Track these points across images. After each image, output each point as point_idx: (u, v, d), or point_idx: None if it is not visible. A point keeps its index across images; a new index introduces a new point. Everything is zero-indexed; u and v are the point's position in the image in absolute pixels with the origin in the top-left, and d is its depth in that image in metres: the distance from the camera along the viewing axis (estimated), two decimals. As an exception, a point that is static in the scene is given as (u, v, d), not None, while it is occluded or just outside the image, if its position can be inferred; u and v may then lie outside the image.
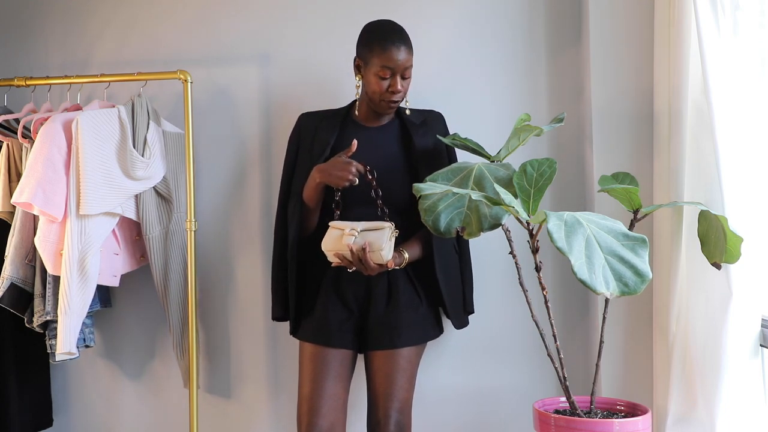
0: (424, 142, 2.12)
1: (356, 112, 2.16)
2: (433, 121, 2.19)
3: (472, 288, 2.25)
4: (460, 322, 2.20)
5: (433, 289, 2.11)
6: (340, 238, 1.93)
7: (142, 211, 2.32)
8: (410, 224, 2.07)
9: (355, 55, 2.10)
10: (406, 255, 2.02)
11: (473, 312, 2.26)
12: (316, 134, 2.15)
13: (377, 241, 1.90)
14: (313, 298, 2.13)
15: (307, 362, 2.08)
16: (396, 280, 2.07)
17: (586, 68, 2.31)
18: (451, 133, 2.19)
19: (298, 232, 2.09)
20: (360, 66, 2.07)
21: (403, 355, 2.03)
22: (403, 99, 2.08)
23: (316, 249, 2.05)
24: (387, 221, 1.98)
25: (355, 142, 2.00)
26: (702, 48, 1.81)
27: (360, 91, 2.11)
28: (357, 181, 1.98)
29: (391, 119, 2.16)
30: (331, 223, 1.99)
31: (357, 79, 2.10)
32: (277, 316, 2.22)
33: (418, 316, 2.07)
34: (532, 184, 1.79)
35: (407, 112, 2.15)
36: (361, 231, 1.92)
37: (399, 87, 2.01)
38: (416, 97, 2.27)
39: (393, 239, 1.94)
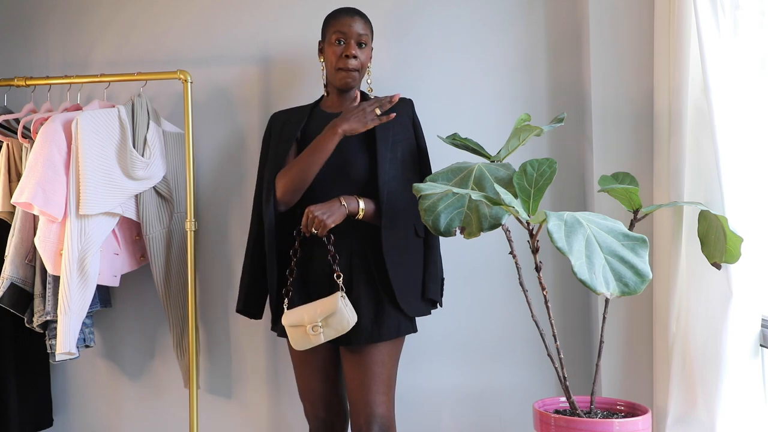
0: (385, 126, 2.08)
1: (323, 102, 2.20)
2: (399, 105, 2.14)
3: (435, 275, 2.14)
4: (414, 309, 2.07)
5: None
6: (307, 336, 1.95)
7: (142, 211, 2.32)
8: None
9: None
10: (362, 204, 2.00)
11: (438, 301, 2.16)
12: (284, 127, 2.17)
13: (340, 321, 1.92)
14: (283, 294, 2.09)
15: (294, 360, 2.13)
16: (357, 277, 2.03)
17: (586, 68, 2.31)
18: (450, 132, 2.19)
19: (273, 216, 2.06)
20: (322, 47, 2.14)
21: (375, 361, 2.00)
22: (360, 69, 2.08)
23: (285, 240, 2.07)
24: (336, 285, 1.98)
25: (398, 94, 2.02)
26: (702, 48, 1.81)
27: (325, 76, 2.16)
28: (377, 118, 2.00)
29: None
30: (284, 322, 1.99)
31: (320, 60, 2.16)
32: (240, 309, 2.18)
33: (379, 315, 2.01)
34: (532, 184, 1.79)
35: (371, 98, 2.15)
36: (321, 321, 1.93)
37: (353, 51, 2.04)
38: (416, 96, 2.27)
39: (346, 300, 1.95)
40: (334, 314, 1.93)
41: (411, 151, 2.14)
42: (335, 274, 1.99)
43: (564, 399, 1.95)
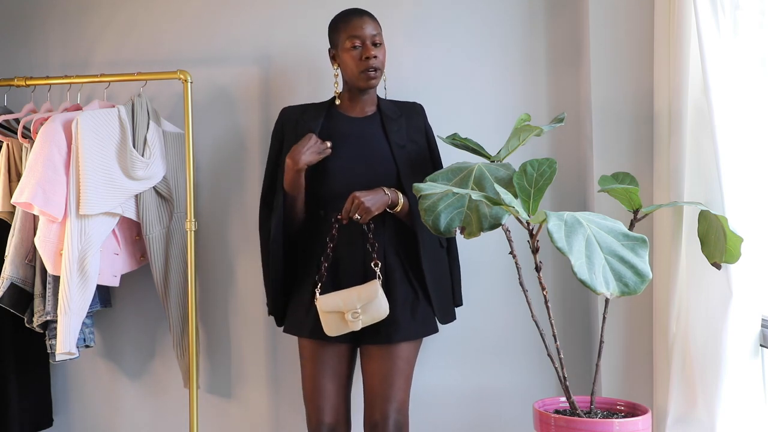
0: (399, 138, 2.13)
1: (339, 103, 2.18)
2: (411, 113, 2.18)
3: (460, 281, 2.24)
4: (447, 317, 2.16)
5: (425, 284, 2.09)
6: (344, 322, 1.96)
7: (142, 211, 2.32)
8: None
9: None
10: (401, 199, 2.03)
11: (461, 304, 2.26)
12: (297, 125, 2.16)
13: (377, 308, 1.95)
14: (309, 292, 2.08)
15: (306, 360, 2.10)
16: (392, 273, 2.05)
17: (586, 68, 2.31)
18: (450, 132, 2.19)
19: (281, 224, 2.09)
20: (334, 54, 2.13)
21: (401, 356, 2.02)
22: (381, 68, 2.09)
23: (308, 242, 2.08)
24: (373, 269, 2.00)
25: (329, 143, 2.06)
26: (702, 48, 1.81)
27: (340, 81, 2.15)
28: (328, 148, 2.04)
29: (374, 112, 2.17)
30: (320, 307, 1.98)
31: (335, 68, 2.14)
32: (273, 311, 2.19)
33: (415, 311, 2.04)
34: (532, 184, 1.79)
35: (385, 95, 2.19)
36: (360, 307, 1.95)
37: (372, 53, 2.05)
38: (416, 96, 2.27)
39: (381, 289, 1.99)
40: (372, 301, 1.94)
41: (423, 158, 2.16)
42: (373, 263, 2.01)
43: (564, 399, 1.95)
